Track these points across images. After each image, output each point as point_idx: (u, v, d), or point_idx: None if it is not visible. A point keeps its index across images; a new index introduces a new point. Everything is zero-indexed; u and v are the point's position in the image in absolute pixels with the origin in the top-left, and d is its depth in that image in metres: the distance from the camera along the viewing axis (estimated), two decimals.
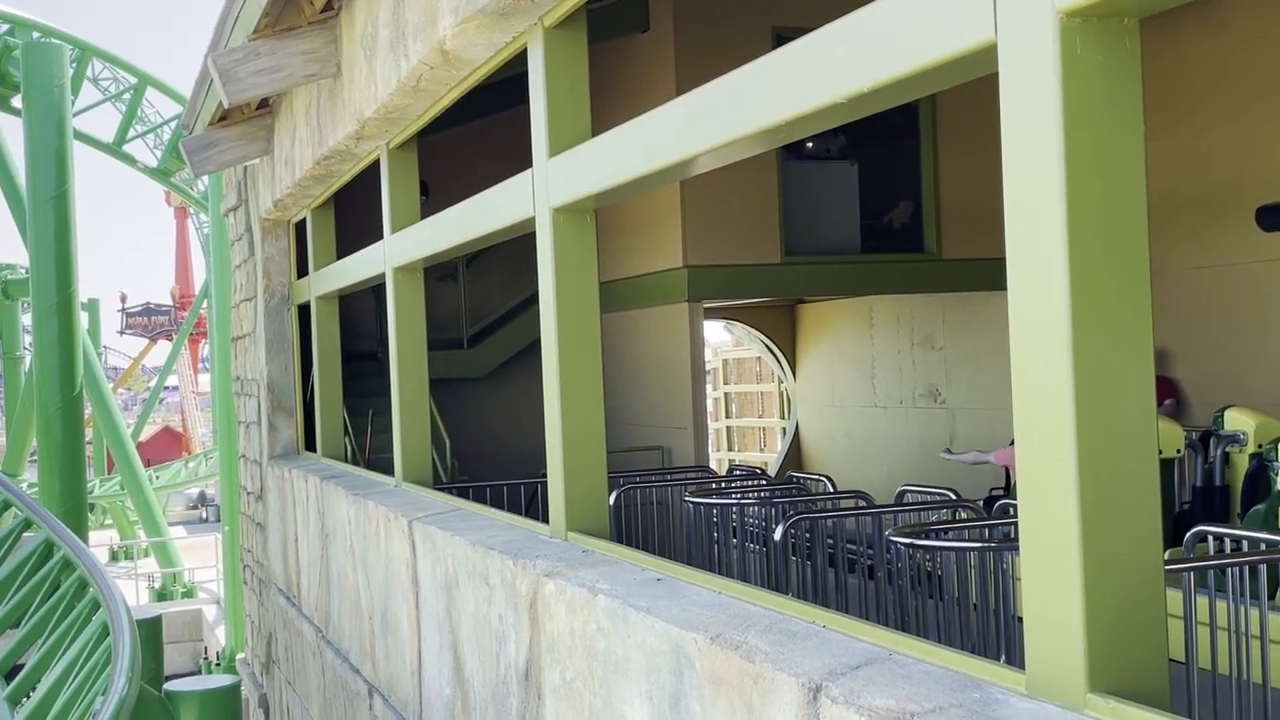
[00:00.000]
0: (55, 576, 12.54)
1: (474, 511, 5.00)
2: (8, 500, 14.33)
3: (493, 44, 4.22)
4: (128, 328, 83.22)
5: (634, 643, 3.00)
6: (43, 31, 21.08)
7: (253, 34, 5.85)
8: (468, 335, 12.52)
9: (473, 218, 4.81)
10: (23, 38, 20.36)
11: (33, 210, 17.39)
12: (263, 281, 8.95)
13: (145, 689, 9.19)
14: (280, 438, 8.99)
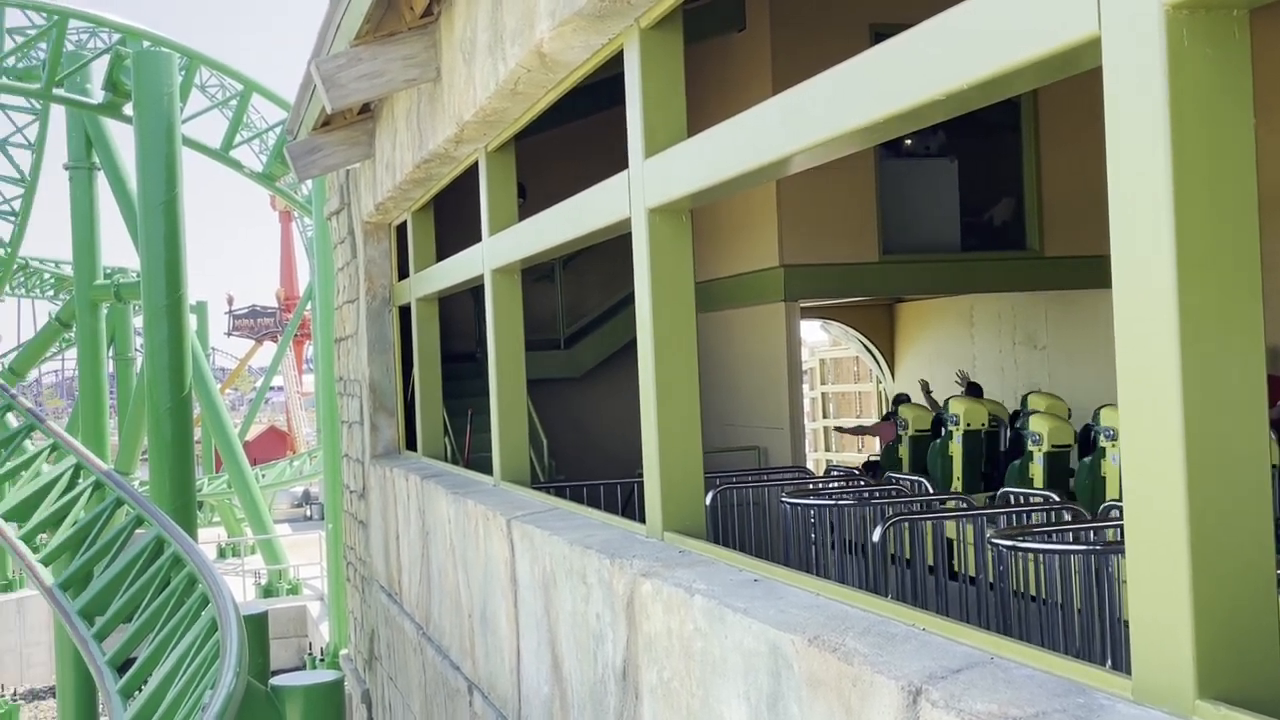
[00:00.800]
0: (165, 573, 12.91)
1: (571, 511, 5.03)
2: (120, 498, 14.76)
3: (589, 46, 4.25)
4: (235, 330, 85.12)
5: (731, 643, 3.00)
6: (153, 41, 21.66)
7: (355, 40, 5.95)
8: (565, 336, 12.60)
9: (569, 219, 4.84)
10: (134, 47, 20.91)
11: (143, 215, 17.86)
12: (364, 284, 9.10)
13: (252, 683, 9.41)
14: (382, 437, 9.13)
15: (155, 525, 13.71)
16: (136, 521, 14.37)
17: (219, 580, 11.60)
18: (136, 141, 18.24)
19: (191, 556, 12.60)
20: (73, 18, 21.92)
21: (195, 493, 18.65)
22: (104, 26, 22.82)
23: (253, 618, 10.53)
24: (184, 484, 17.39)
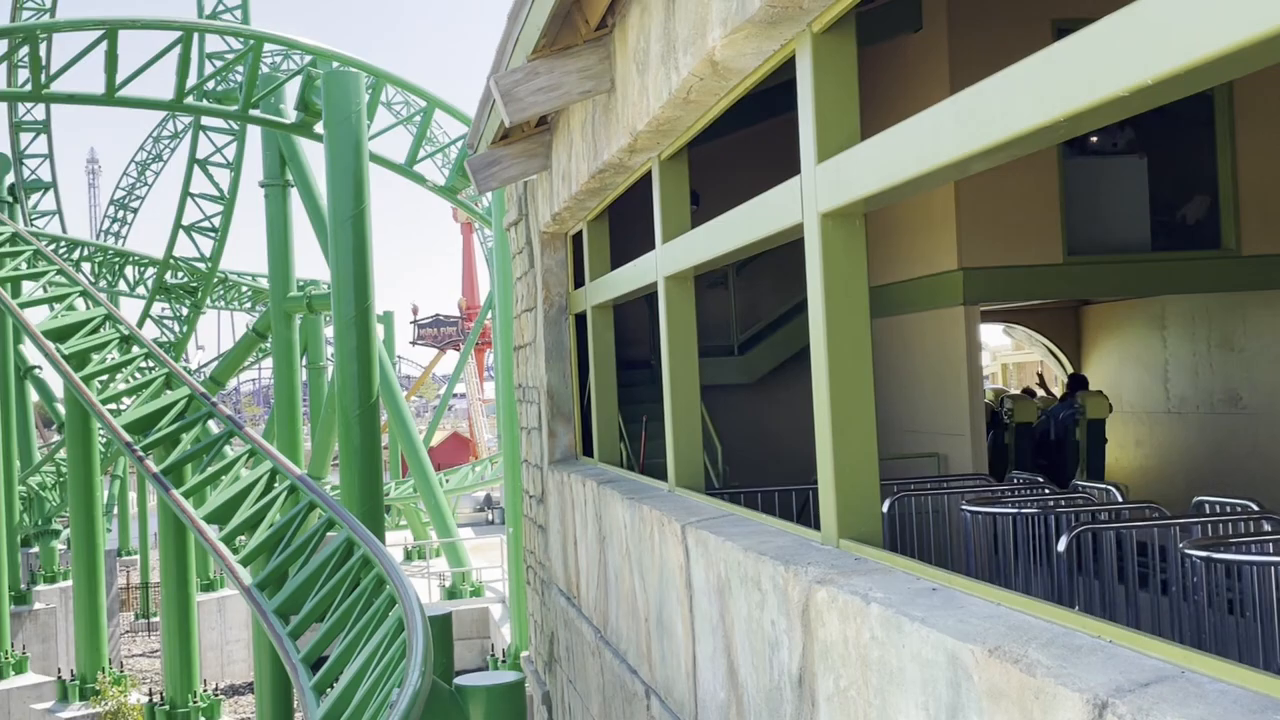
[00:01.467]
0: (355, 574, 13.37)
1: (745, 517, 5.03)
2: (313, 502, 15.35)
3: (761, 52, 4.25)
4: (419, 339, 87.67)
5: (908, 653, 2.96)
6: (342, 61, 22.49)
7: (532, 54, 6.07)
8: (738, 342, 12.60)
9: (741, 225, 4.84)
10: (324, 68, 21.75)
11: (333, 229, 18.55)
12: (542, 292, 9.26)
13: (437, 682, 9.67)
14: (559, 443, 9.27)
15: (346, 528, 14.22)
16: (328, 524, 14.94)
17: (405, 582, 11.96)
18: (326, 158, 18.96)
19: (379, 558, 13.02)
20: (267, 42, 22.91)
21: (383, 497, 19.25)
22: (296, 49, 23.79)
23: (437, 619, 10.82)
24: (372, 488, 17.97)
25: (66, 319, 19.34)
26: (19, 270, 20.85)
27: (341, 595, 13.23)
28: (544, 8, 5.56)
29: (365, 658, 11.30)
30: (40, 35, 20.36)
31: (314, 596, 13.55)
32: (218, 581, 34.01)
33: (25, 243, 21.67)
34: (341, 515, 14.69)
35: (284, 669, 13.57)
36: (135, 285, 39.66)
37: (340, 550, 13.93)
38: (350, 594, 13.11)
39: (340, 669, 11.88)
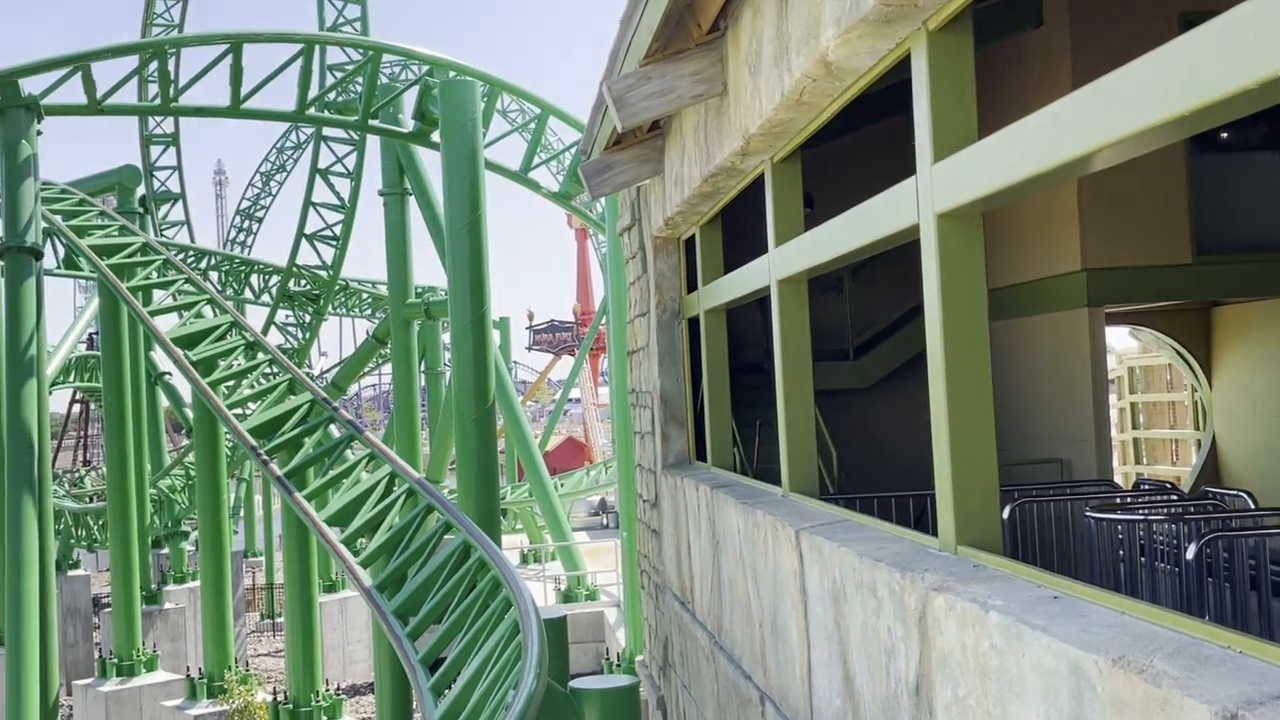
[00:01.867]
0: (472, 576, 13.55)
1: (860, 522, 4.97)
2: (431, 505, 15.59)
3: (875, 52, 4.20)
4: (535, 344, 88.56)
5: (1029, 662, 2.89)
6: (458, 70, 22.82)
7: (644, 59, 6.09)
8: (853, 346, 12.47)
9: (855, 227, 4.78)
10: (440, 77, 22.10)
11: (449, 236, 18.81)
12: (655, 297, 9.28)
13: (552, 685, 9.75)
14: (672, 447, 9.28)
15: (463, 531, 14.41)
16: (445, 527, 15.15)
17: (521, 585, 12.08)
18: (443, 166, 19.24)
19: (496, 561, 13.17)
20: (386, 52, 23.35)
21: (499, 501, 19.45)
22: (414, 59, 24.18)
23: (553, 622, 10.91)
24: (489, 492, 18.16)
25: (194, 326, 19.94)
26: (150, 279, 21.54)
27: (459, 597, 13.41)
28: (656, 12, 5.57)
29: (482, 659, 11.44)
30: (169, 51, 21.03)
31: (432, 598, 13.76)
32: (339, 583, 34.72)
33: (155, 253, 22.39)
34: (458, 518, 14.90)
35: (403, 669, 13.80)
36: (260, 293, 40.75)
37: (457, 553, 14.12)
38: (467, 596, 13.28)
39: (457, 670, 12.04)
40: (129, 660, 25.19)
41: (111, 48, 20.42)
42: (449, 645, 12.84)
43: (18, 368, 19.19)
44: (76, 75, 19.66)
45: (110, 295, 23.84)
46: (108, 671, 25.21)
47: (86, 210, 23.73)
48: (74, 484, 57.14)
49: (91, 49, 19.84)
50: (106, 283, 21.73)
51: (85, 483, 57.90)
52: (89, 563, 45.05)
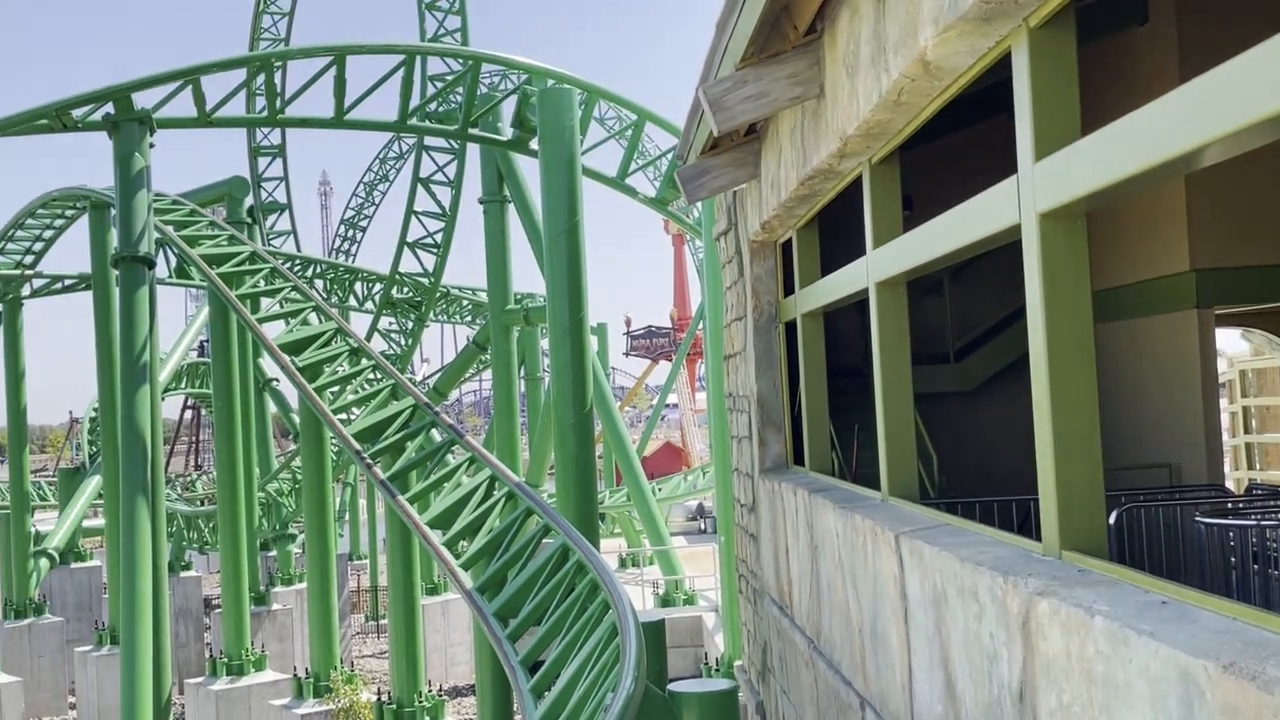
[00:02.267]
0: (570, 579, 13.64)
1: (961, 527, 4.91)
2: (530, 508, 15.73)
3: (974, 50, 4.15)
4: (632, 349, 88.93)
5: (1135, 668, 2.83)
6: (556, 78, 23.01)
7: (740, 63, 6.09)
8: (954, 348, 12.31)
9: (954, 228, 4.73)
10: (539, 85, 22.31)
11: (547, 243, 18.97)
12: (751, 301, 9.26)
13: (651, 688, 9.77)
14: (770, 452, 9.25)
15: (561, 534, 14.52)
16: (544, 531, 15.28)
17: (619, 588, 12.13)
18: (541, 174, 19.41)
19: (594, 565, 13.25)
20: (485, 62, 23.63)
21: (597, 505, 19.54)
22: (513, 68, 24.44)
23: (651, 625, 10.94)
24: (587, 496, 18.27)
25: (301, 333, 20.36)
26: (257, 287, 22.06)
27: (558, 600, 13.51)
28: (752, 16, 5.57)
29: (581, 661, 11.51)
30: (275, 64, 21.54)
31: (531, 600, 13.88)
32: (442, 585, 35.17)
33: (263, 261, 22.92)
34: (557, 522, 15.01)
35: (504, 671, 13.94)
36: (364, 300, 41.46)
37: (556, 555, 14.23)
38: (566, 598, 13.37)
39: (557, 672, 12.13)
40: (238, 660, 25.79)
41: (220, 62, 20.96)
42: (548, 647, 12.94)
43: (132, 374, 19.77)
44: (187, 89, 20.21)
45: (220, 303, 24.44)
46: (218, 671, 25.83)
47: (197, 220, 24.37)
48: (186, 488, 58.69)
49: (201, 63, 20.38)
50: (216, 291, 22.29)
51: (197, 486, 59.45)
52: (200, 564, 46.22)
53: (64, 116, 19.55)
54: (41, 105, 19.55)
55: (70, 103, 19.62)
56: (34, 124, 19.67)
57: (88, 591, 38.71)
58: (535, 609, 13.73)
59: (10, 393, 34.43)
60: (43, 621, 34.11)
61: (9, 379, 34.53)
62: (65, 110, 19.55)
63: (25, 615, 34.04)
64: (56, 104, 19.50)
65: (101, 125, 19.84)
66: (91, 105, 19.82)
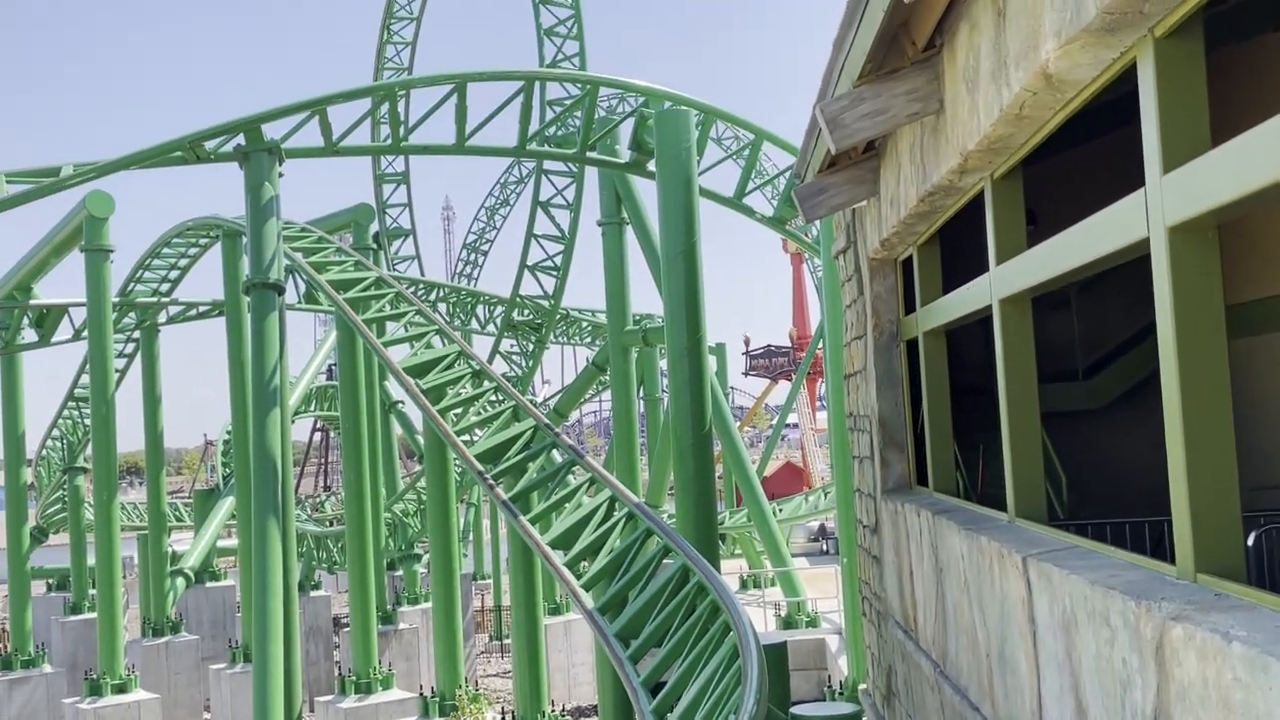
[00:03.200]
0: (691, 600, 13.62)
1: (1091, 549, 4.79)
2: (650, 529, 15.75)
3: (1098, 62, 4.07)
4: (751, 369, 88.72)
5: (1276, 696, 2.73)
6: (673, 100, 23.11)
7: (857, 80, 6.05)
8: (1083, 365, 12.01)
9: (1079, 243, 4.63)
10: (655, 107, 22.43)
11: (665, 263, 19.04)
12: (871, 319, 9.17)
13: (773, 710, 9.71)
14: (892, 472, 9.13)
15: (681, 555, 14.51)
16: (664, 551, 15.28)
17: (740, 610, 12.07)
18: (659, 195, 19.50)
19: (714, 585, 13.21)
20: (602, 85, 23.85)
21: (717, 525, 19.50)
22: (630, 91, 24.62)
23: (772, 647, 10.87)
24: (707, 517, 18.24)
25: (424, 356, 20.73)
26: (383, 312, 22.52)
27: (678, 621, 13.50)
28: (870, 33, 5.53)
29: (702, 683, 11.48)
30: (399, 93, 22.01)
31: (652, 621, 13.89)
32: (564, 605, 35.39)
33: (388, 286, 23.40)
34: (677, 542, 15.01)
35: (626, 692, 13.96)
36: (485, 323, 42.11)
37: (676, 576, 14.22)
38: (687, 620, 13.35)
39: (678, 694, 12.11)
40: (366, 678, 26.26)
41: (346, 92, 21.51)
42: (670, 669, 12.93)
43: (263, 398, 20.33)
44: (314, 120, 20.78)
45: (347, 328, 25.01)
46: (346, 689, 26.33)
47: (324, 247, 25.01)
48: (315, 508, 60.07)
49: (328, 94, 20.94)
50: (343, 316, 22.82)
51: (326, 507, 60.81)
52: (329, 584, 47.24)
53: (197, 149, 20.25)
54: (176, 138, 20.27)
55: (203, 135, 20.31)
56: (169, 156, 20.39)
57: (222, 610, 39.81)
58: (656, 630, 13.73)
59: (148, 416, 35.62)
60: (179, 639, 35.15)
61: (146, 403, 35.73)
62: (199, 143, 20.25)
63: (162, 633, 35.13)
64: (190, 137, 20.21)
65: (233, 156, 20.50)
66: (223, 137, 20.49)
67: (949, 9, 5.62)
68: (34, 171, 20.95)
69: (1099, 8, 3.60)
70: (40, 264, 31.92)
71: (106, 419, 29.04)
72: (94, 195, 27.49)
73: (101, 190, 27.42)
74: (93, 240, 28.35)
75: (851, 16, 5.67)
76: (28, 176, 20.85)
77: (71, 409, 42.68)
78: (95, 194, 27.45)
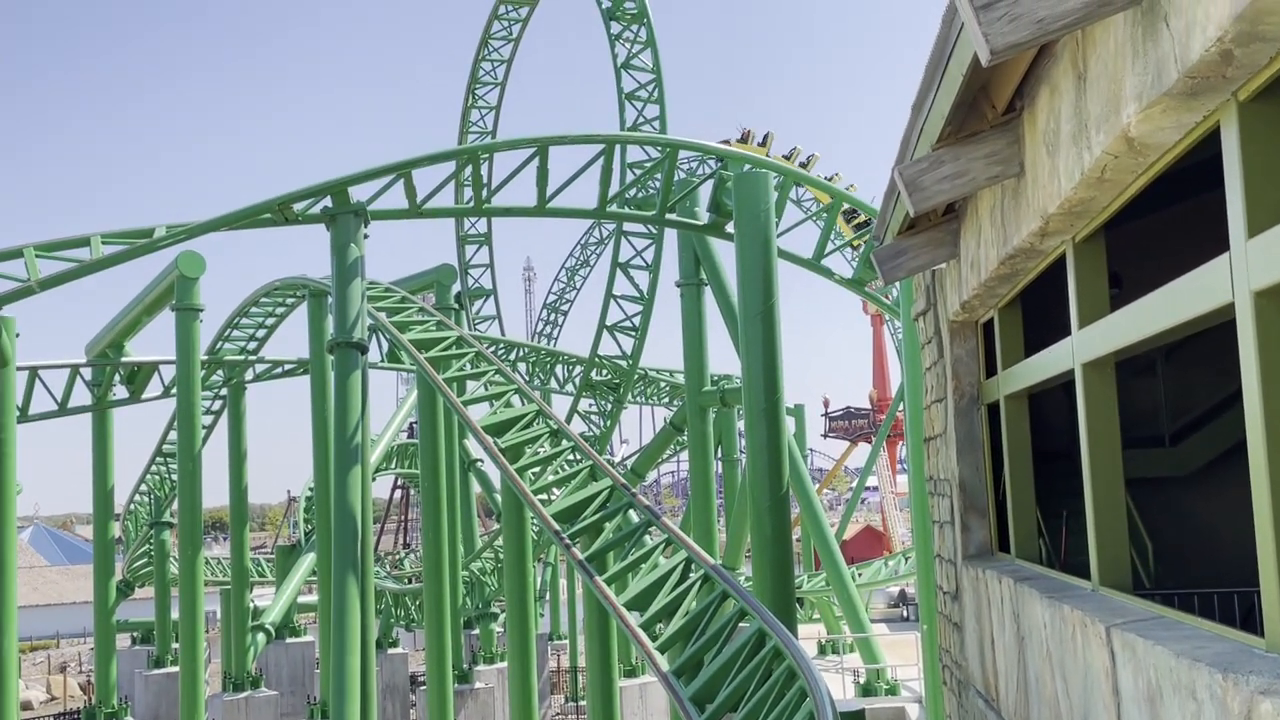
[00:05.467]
0: (767, 665, 13.47)
1: (1177, 619, 4.68)
2: (726, 591, 15.63)
3: (1180, 126, 4.04)
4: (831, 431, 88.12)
5: None
6: (751, 163, 23.25)
7: (936, 144, 6.05)
8: (1169, 431, 11.77)
9: (1163, 308, 4.57)
10: (734, 170, 22.57)
11: (743, 325, 19.04)
12: (951, 382, 9.09)
13: None
14: (973, 538, 9.00)
15: (758, 619, 14.37)
16: (740, 614, 15.14)
17: (817, 676, 11.91)
18: (736, 257, 19.55)
19: (791, 650, 13.05)
20: (682, 148, 24.06)
21: (794, 589, 19.29)
22: (709, 154, 24.81)
23: (850, 715, 10.70)
24: (784, 580, 18.05)
25: (503, 415, 20.87)
26: (463, 371, 22.75)
27: (754, 685, 13.34)
28: (948, 96, 5.54)
29: None
30: (482, 156, 22.38)
31: (727, 686, 13.75)
32: (639, 667, 35.16)
33: (469, 346, 23.65)
34: (753, 606, 14.87)
35: None
36: (564, 383, 42.38)
37: (752, 640, 14.08)
38: (762, 685, 13.20)
39: None
40: None
41: (431, 156, 21.93)
42: None
43: (345, 455, 20.58)
44: (399, 182, 21.18)
45: (428, 386, 25.28)
46: None
47: (407, 307, 25.36)
48: (394, 565, 60.50)
49: (413, 158, 21.37)
50: (424, 374, 23.09)
51: (405, 564, 61.22)
52: (407, 641, 47.44)
53: (286, 210, 20.72)
54: (265, 200, 20.77)
55: (292, 197, 20.79)
56: (258, 218, 20.89)
57: (301, 666, 40.13)
58: (732, 694, 13.58)
59: (233, 473, 36.21)
60: (259, 695, 35.45)
61: (232, 459, 36.34)
62: (287, 204, 20.72)
63: (243, 688, 35.45)
64: (279, 199, 20.70)
65: (320, 218, 20.93)
66: (311, 199, 20.96)
67: (1029, 72, 5.62)
68: (128, 233, 21.57)
69: (1181, 71, 3.58)
70: (133, 322, 32.74)
71: (192, 474, 29.56)
72: (185, 255, 28.18)
73: (193, 250, 28.11)
74: (184, 299, 29.04)
75: (930, 80, 5.68)
76: (123, 238, 21.46)
77: (159, 464, 43.56)
78: (187, 254, 28.13)
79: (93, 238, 21.11)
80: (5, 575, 21.92)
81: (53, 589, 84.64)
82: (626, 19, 39.76)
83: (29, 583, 76.66)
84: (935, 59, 5.41)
